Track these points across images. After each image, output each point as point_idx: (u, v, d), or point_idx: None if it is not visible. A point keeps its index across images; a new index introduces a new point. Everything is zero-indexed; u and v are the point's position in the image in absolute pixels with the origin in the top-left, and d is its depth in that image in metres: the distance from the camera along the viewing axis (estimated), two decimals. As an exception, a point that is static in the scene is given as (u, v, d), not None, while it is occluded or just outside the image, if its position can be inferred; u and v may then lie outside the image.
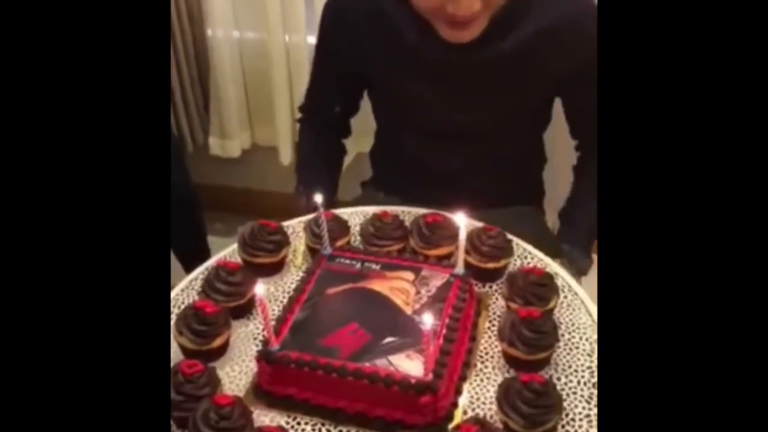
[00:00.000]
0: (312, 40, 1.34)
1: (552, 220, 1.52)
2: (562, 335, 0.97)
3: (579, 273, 1.21)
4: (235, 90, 2.10)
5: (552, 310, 0.99)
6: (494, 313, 1.02)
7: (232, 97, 2.10)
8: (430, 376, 0.84)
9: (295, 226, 1.20)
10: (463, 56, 1.15)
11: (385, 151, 1.46)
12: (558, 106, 1.31)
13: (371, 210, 1.21)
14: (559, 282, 1.03)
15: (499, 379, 0.91)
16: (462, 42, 1.11)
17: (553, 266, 1.09)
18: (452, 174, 1.29)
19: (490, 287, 1.06)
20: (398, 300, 0.97)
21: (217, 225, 2.26)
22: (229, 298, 1.01)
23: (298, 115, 1.49)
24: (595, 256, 1.27)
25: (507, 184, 1.35)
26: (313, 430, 0.89)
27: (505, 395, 0.85)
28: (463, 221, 0.94)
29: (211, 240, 2.07)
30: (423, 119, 1.28)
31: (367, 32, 1.22)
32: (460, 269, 0.99)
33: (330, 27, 1.29)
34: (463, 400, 0.90)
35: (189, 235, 1.95)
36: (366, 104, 1.42)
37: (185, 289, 1.09)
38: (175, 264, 1.82)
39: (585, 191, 1.31)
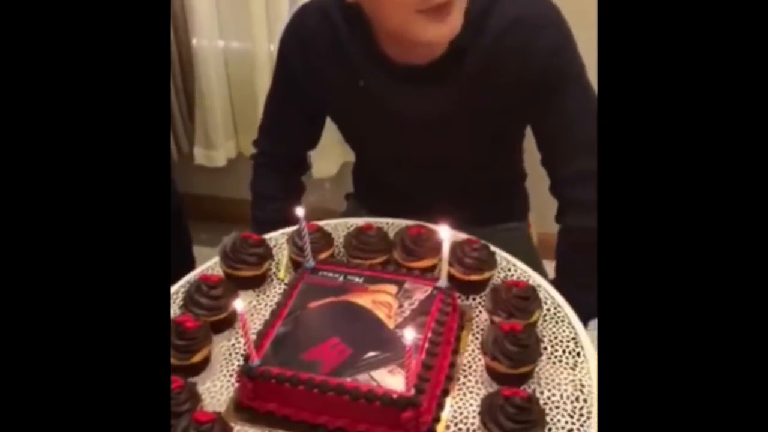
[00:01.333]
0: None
1: (537, 231, 1.52)
2: (545, 349, 0.97)
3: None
4: (220, 99, 2.10)
5: (535, 323, 0.98)
6: (478, 326, 1.02)
7: (217, 106, 2.09)
8: (412, 391, 0.84)
9: (279, 238, 1.20)
10: (418, 89, 1.12)
11: (364, 173, 1.45)
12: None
13: (355, 222, 1.21)
14: (542, 295, 1.03)
15: (482, 393, 0.91)
16: (446, 40, 1.04)
17: (536, 278, 1.09)
18: (431, 199, 1.22)
19: (474, 300, 1.06)
20: (381, 313, 0.96)
21: (203, 235, 2.25)
22: (210, 313, 1.01)
23: (253, 150, 1.40)
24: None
25: (488, 205, 1.33)
26: (295, 446, 0.88)
27: (488, 410, 0.84)
28: (446, 234, 0.93)
29: (197, 250, 2.06)
30: (388, 150, 1.25)
31: (328, 66, 1.18)
32: (443, 282, 0.99)
33: (291, 56, 1.22)
34: (445, 415, 0.90)
35: (174, 246, 1.94)
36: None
37: (166, 303, 1.08)
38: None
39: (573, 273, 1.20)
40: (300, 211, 1.01)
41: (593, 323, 1.14)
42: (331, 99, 1.23)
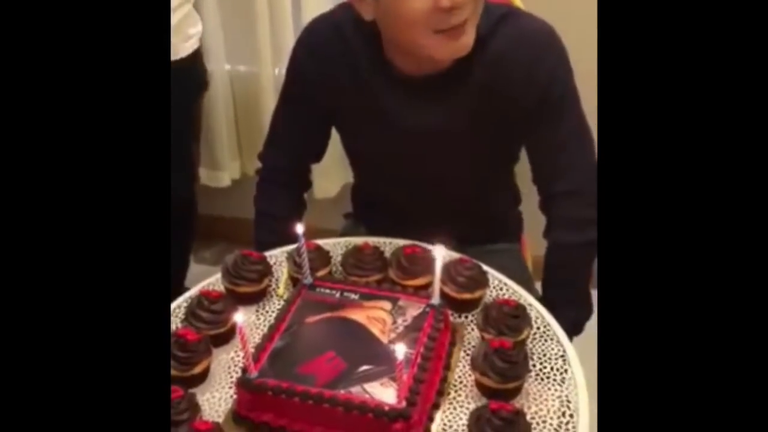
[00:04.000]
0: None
1: (532, 254, 1.56)
2: (534, 365, 1.00)
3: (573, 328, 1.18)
4: (226, 121, 2.15)
5: (524, 340, 1.01)
6: (469, 343, 1.05)
7: (223, 128, 2.14)
8: (404, 403, 0.87)
9: (278, 256, 1.23)
10: (424, 100, 1.15)
11: (362, 192, 1.48)
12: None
13: (353, 241, 1.24)
14: (532, 313, 1.06)
15: (472, 408, 0.93)
16: (458, 56, 1.09)
17: (527, 298, 1.12)
18: (428, 218, 1.22)
19: (466, 318, 1.09)
20: (375, 329, 0.99)
21: (206, 254, 2.29)
22: (211, 326, 1.04)
23: (257, 165, 1.42)
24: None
25: (484, 225, 1.36)
26: (290, 455, 0.91)
27: (476, 422, 0.87)
28: (440, 253, 0.97)
29: (202, 269, 2.10)
30: (389, 165, 1.28)
31: (337, 76, 1.21)
32: (436, 299, 1.02)
33: (302, 67, 1.26)
34: (436, 428, 0.92)
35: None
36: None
37: (169, 317, 1.12)
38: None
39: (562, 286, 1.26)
40: (299, 228, 1.04)
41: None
42: (339, 109, 1.27)
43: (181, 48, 1.75)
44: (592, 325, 1.23)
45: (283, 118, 1.35)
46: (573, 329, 1.17)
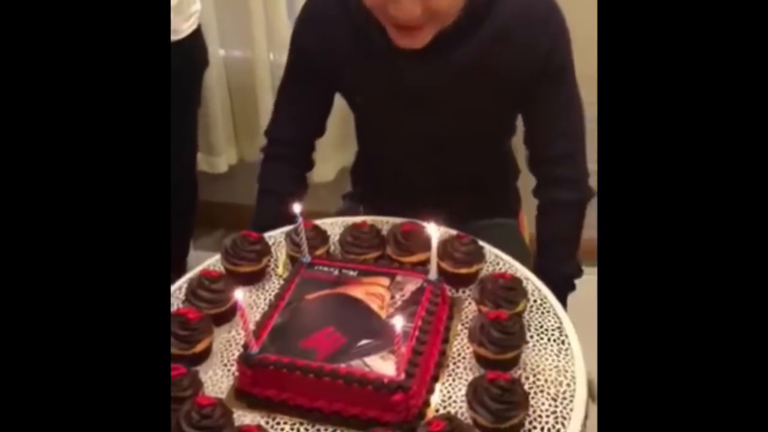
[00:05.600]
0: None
1: (529, 230, 1.57)
2: (531, 337, 1.01)
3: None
4: (222, 107, 2.15)
5: (521, 312, 1.03)
6: (467, 317, 1.06)
7: (219, 113, 2.15)
8: (403, 375, 0.88)
9: (277, 237, 1.25)
10: (419, 64, 1.17)
11: (365, 168, 1.49)
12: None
13: (351, 220, 1.26)
14: (529, 287, 1.08)
15: (471, 379, 0.95)
16: (411, 48, 1.13)
17: (523, 271, 1.14)
18: (428, 190, 1.30)
19: (464, 292, 1.11)
20: (374, 304, 1.01)
21: (205, 240, 2.30)
22: (212, 305, 1.05)
23: (258, 151, 1.44)
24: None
25: (481, 198, 1.38)
26: (292, 429, 0.92)
27: (474, 392, 0.89)
28: (434, 230, 0.98)
29: (199, 254, 2.11)
30: (392, 126, 1.30)
31: (339, 39, 1.23)
32: (433, 275, 1.03)
33: (304, 37, 1.29)
34: (435, 399, 0.94)
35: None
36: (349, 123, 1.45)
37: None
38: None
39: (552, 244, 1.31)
40: (297, 208, 1.05)
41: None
42: (344, 72, 1.28)
43: (182, 27, 1.75)
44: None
45: (288, 91, 1.37)
46: (568, 285, 1.26)
